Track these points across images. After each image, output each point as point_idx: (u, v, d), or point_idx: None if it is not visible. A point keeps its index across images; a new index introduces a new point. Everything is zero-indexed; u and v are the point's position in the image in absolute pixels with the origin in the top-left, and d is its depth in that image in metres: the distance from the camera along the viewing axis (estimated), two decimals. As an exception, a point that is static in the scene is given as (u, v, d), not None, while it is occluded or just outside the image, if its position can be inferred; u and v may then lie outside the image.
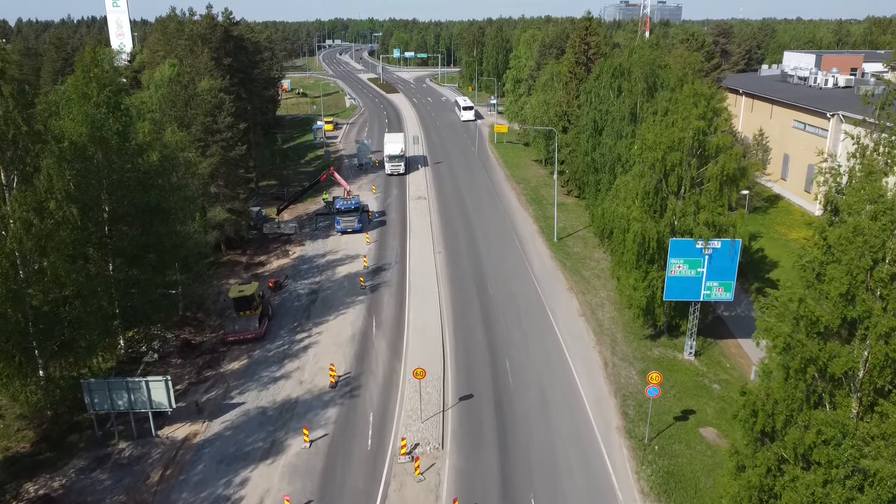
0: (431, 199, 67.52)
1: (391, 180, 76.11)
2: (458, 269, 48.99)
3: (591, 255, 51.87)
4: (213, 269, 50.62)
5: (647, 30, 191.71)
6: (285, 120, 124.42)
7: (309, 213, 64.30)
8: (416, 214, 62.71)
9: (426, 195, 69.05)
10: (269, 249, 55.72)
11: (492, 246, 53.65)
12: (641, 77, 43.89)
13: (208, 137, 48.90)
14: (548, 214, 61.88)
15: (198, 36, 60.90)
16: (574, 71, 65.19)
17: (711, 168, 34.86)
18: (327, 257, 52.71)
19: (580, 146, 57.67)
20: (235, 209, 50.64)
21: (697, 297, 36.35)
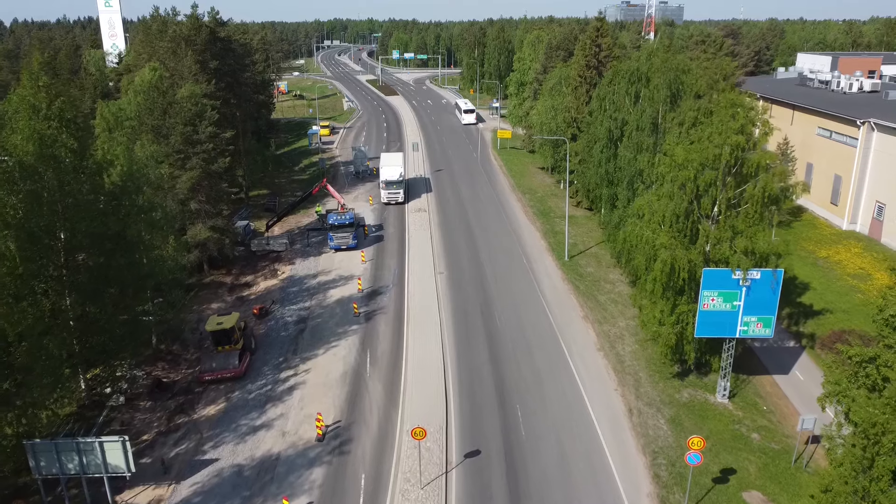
0: (432, 211, 63.34)
1: (389, 190, 71.82)
2: (462, 292, 44.80)
3: (606, 275, 47.68)
4: (194, 291, 46.57)
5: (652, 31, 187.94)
6: (280, 124, 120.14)
7: (301, 228, 60.09)
8: (415, 228, 58.53)
9: (426, 207, 64.86)
10: (256, 268, 51.50)
11: (497, 266, 49.45)
12: (664, 84, 39.74)
13: (188, 149, 44.69)
14: (556, 229, 57.74)
15: (181, 38, 56.65)
16: (584, 75, 61.02)
17: (751, 189, 30.68)
18: (319, 278, 48.49)
19: (593, 156, 53.49)
20: (218, 227, 46.43)
21: (733, 334, 32.24)
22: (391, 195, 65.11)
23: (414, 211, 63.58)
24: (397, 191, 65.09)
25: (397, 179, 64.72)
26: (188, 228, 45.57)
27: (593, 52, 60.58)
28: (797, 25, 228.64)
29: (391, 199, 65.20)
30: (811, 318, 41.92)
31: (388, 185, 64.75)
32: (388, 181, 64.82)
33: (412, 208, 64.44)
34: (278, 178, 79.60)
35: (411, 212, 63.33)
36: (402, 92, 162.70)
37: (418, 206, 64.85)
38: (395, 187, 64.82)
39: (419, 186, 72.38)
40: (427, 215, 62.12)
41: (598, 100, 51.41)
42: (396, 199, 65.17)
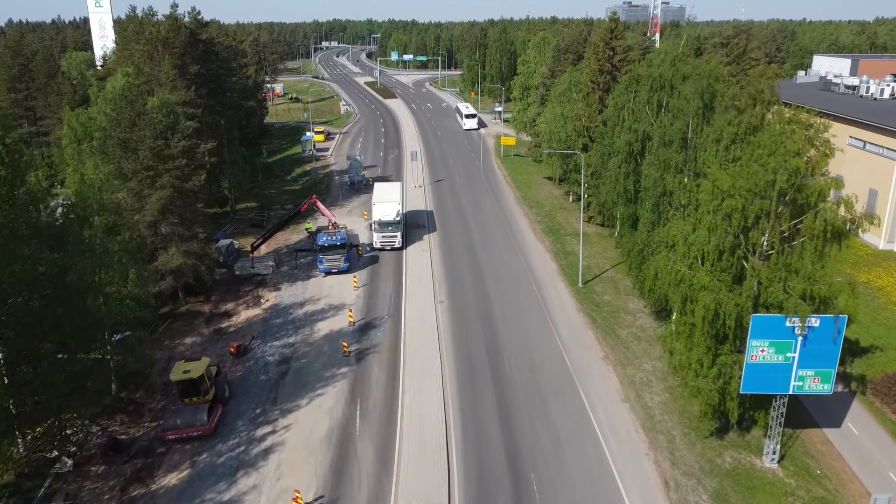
0: (432, 228, 58.51)
1: (386, 203, 66.96)
2: (465, 327, 39.97)
3: (625, 305, 42.87)
4: (167, 323, 41.79)
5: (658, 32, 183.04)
6: (274, 128, 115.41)
7: (289, 246, 55.29)
8: (414, 248, 53.72)
9: (425, 222, 60.04)
10: (238, 294, 46.67)
11: (504, 294, 44.63)
12: (695, 93, 34.95)
13: (158, 165, 39.88)
14: (567, 248, 52.92)
15: (158, 40, 51.90)
16: (597, 80, 56.24)
17: (810, 221, 25.89)
18: (306, 307, 43.67)
19: (608, 170, 48.66)
20: (194, 251, 41.61)
21: (785, 390, 27.52)
22: (386, 239, 53.13)
23: (412, 227, 58.74)
24: (393, 234, 53.04)
25: (393, 220, 52.71)
26: (159, 254, 40.77)
27: (607, 55, 55.79)
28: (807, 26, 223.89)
29: (385, 245, 53.32)
30: (859, 356, 37.18)
31: (381, 226, 52.93)
32: (382, 222, 52.76)
33: (410, 224, 59.56)
34: (268, 189, 74.79)
35: (409, 228, 58.48)
36: (401, 95, 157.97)
37: (417, 222, 60.00)
38: (390, 230, 52.84)
39: (418, 199, 67.53)
40: (427, 232, 57.30)
41: (614, 108, 46.58)
42: (392, 244, 53.22)
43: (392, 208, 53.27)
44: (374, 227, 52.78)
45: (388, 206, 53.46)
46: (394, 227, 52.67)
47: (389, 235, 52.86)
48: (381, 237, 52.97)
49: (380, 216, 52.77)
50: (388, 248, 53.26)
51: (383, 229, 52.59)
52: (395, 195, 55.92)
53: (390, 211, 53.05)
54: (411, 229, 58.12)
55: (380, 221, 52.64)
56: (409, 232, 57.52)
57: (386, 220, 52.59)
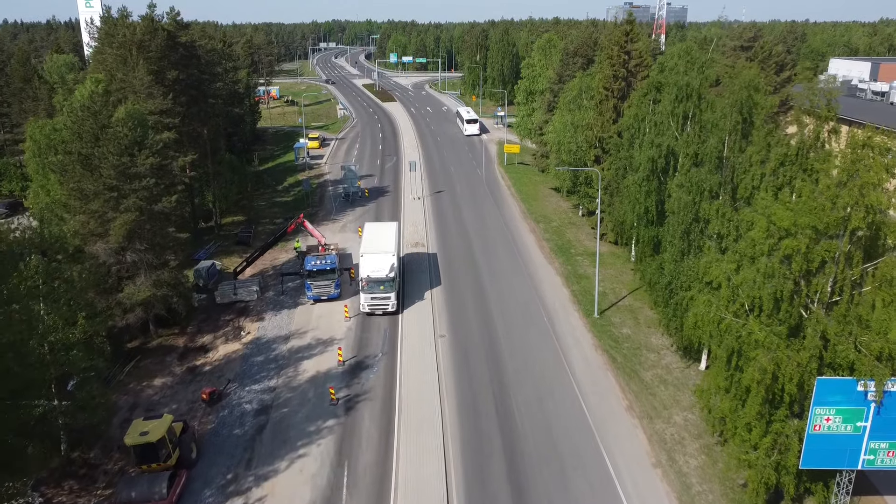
0: (431, 246, 54.03)
1: (382, 217, 62.56)
2: (469, 369, 35.47)
3: (647, 339, 38.39)
4: (134, 361, 37.36)
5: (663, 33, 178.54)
6: (267, 134, 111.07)
7: (276, 267, 50.78)
8: (411, 270, 49.20)
9: (425, 240, 55.56)
10: (217, 324, 42.19)
11: (512, 326, 40.14)
12: (733, 106, 30.45)
13: (123, 185, 35.38)
14: (579, 271, 48.44)
15: (132, 43, 47.40)
16: (611, 87, 51.77)
17: (888, 266, 21.43)
18: (291, 342, 39.17)
19: (627, 188, 44.24)
20: (164, 281, 37.11)
21: (854, 465, 23.16)
22: (376, 303, 41.09)
23: (410, 245, 54.26)
24: (385, 296, 40.87)
25: (385, 277, 40.62)
26: (124, 285, 36.27)
27: (621, 60, 51.31)
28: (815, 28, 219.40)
29: (376, 309, 41.25)
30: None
31: (370, 284, 40.61)
32: (371, 279, 40.65)
33: (408, 242, 55.13)
34: (258, 201, 70.34)
35: (407, 247, 54.01)
36: (400, 98, 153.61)
37: (415, 240, 55.49)
38: (381, 290, 40.73)
39: (417, 214, 63.05)
40: (426, 251, 52.81)
41: (634, 119, 42.13)
42: (384, 309, 41.22)
43: (384, 262, 41.25)
44: (362, 286, 41.02)
45: (379, 259, 41.53)
46: (387, 287, 41.00)
47: (380, 297, 41.07)
48: (371, 299, 41.09)
49: (368, 272, 40.91)
50: (378, 313, 41.68)
51: (372, 289, 40.92)
52: (388, 242, 44.12)
53: (382, 265, 41.04)
54: (407, 249, 53.63)
55: (368, 279, 40.82)
56: (404, 256, 52.99)
57: (376, 278, 40.70)
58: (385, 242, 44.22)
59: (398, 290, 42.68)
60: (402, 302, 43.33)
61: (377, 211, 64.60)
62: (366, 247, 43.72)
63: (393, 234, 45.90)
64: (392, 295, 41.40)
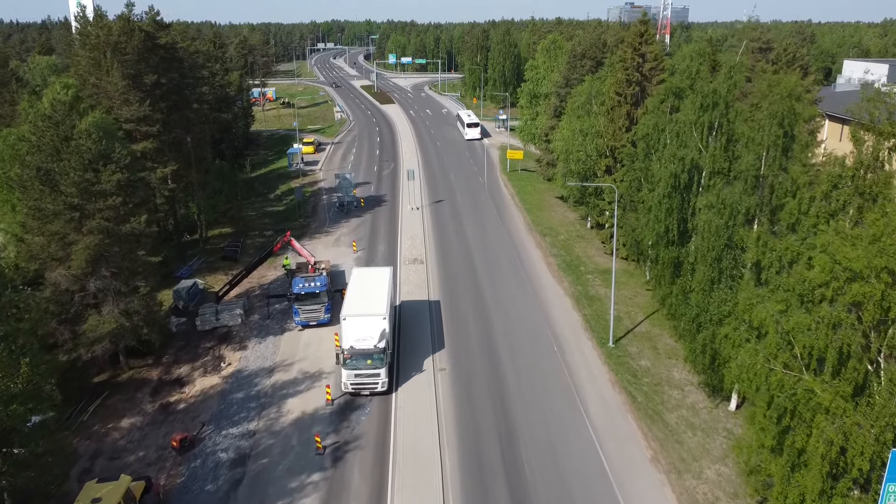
0: (431, 263, 50.35)
1: (378, 229, 58.93)
2: (473, 411, 31.77)
3: (668, 373, 34.73)
4: (101, 398, 33.72)
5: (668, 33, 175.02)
6: (262, 137, 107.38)
7: (263, 287, 47.11)
8: (409, 290, 45.53)
9: (423, 255, 51.87)
10: (196, 353, 38.54)
11: (519, 357, 36.46)
12: (773, 118, 26.80)
13: (86, 204, 31.71)
14: (591, 292, 44.79)
15: (106, 45, 43.73)
16: (623, 92, 48.11)
17: (979, 317, 17.79)
18: (275, 375, 35.50)
19: (646, 204, 40.62)
20: (134, 310, 33.42)
21: (932, 551, 19.37)
22: (361, 382, 31.95)
23: (408, 262, 50.60)
24: (374, 372, 31.73)
25: (373, 349, 31.63)
26: (88, 315, 32.59)
27: (635, 63, 47.64)
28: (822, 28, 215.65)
29: (361, 388, 32.14)
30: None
31: (355, 357, 31.57)
32: (356, 351, 31.61)
33: (406, 258, 51.49)
34: (248, 210, 66.67)
35: (405, 263, 50.37)
36: (399, 99, 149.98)
37: (414, 256, 51.82)
38: (369, 365, 31.59)
39: (415, 226, 59.39)
40: (425, 269, 49.14)
41: (653, 129, 38.47)
42: (372, 388, 32.10)
43: (373, 328, 31.96)
44: (344, 358, 31.59)
45: (366, 324, 32.10)
46: (376, 361, 31.45)
47: (368, 374, 31.43)
48: (354, 377, 31.60)
49: (352, 341, 31.62)
50: (365, 392, 32.29)
51: (358, 363, 31.36)
52: (378, 300, 34.33)
53: (370, 331, 31.77)
54: (405, 265, 49.96)
55: (352, 350, 31.43)
56: (402, 277, 49.31)
57: (362, 349, 31.41)
58: (375, 300, 34.52)
59: (389, 364, 32.78)
60: (394, 382, 33.39)
61: (373, 222, 60.95)
62: (350, 305, 33.91)
63: (385, 286, 36.18)
64: (382, 371, 31.78)
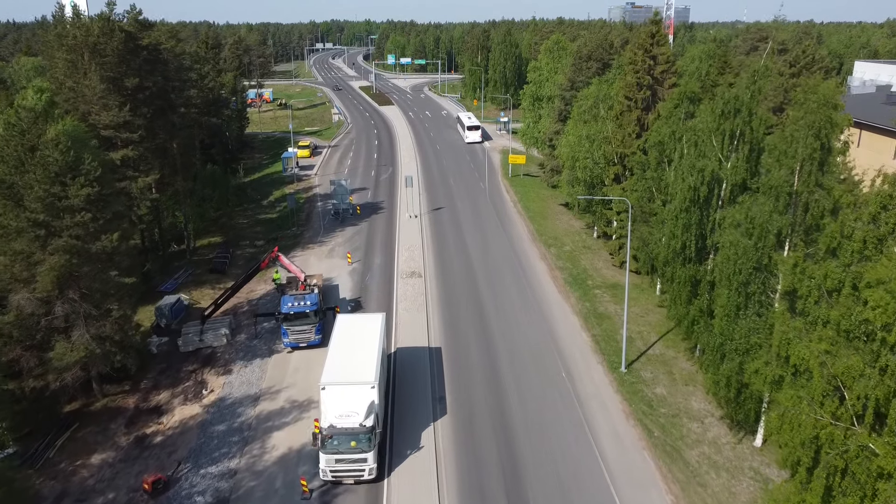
0: (430, 277, 47.63)
1: (374, 239, 56.25)
2: (474, 442, 29.13)
3: (686, 402, 32.04)
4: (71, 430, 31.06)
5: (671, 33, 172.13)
6: (257, 140, 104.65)
7: (252, 302, 44.44)
8: (406, 308, 42.83)
9: (422, 269, 49.15)
10: (177, 378, 35.85)
11: (526, 386, 33.76)
12: (810, 129, 24.12)
13: (53, 220, 29.03)
14: (600, 309, 42.12)
15: (84, 47, 41.05)
16: (634, 96, 45.45)
17: None
18: (260, 405, 32.80)
19: (654, 214, 38.01)
20: (105, 336, 30.72)
21: None
22: (343, 469, 26.03)
23: (406, 275, 47.90)
24: (359, 457, 25.84)
25: (359, 427, 25.85)
26: (55, 342, 29.89)
27: (646, 66, 44.96)
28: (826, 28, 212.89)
29: (343, 478, 26.29)
30: None
31: (338, 438, 25.76)
32: (337, 429, 25.90)
33: (403, 271, 48.78)
34: (239, 218, 63.98)
35: (402, 277, 47.67)
36: (398, 101, 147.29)
37: (411, 269, 49.09)
38: (352, 449, 25.76)
39: (413, 234, 56.70)
40: (423, 283, 46.43)
41: (669, 138, 35.83)
42: (358, 477, 26.20)
43: (358, 400, 26.25)
44: (321, 438, 25.84)
45: (350, 394, 26.34)
46: (362, 442, 25.59)
47: (351, 459, 25.65)
48: (336, 462, 25.75)
49: (333, 417, 26.07)
50: (349, 482, 26.39)
51: (340, 444, 25.57)
52: (366, 363, 27.94)
53: (355, 404, 26.11)
54: (402, 280, 47.27)
55: (333, 430, 25.74)
56: (398, 294, 46.62)
57: (345, 428, 25.65)
58: (362, 362, 27.97)
59: (377, 448, 26.23)
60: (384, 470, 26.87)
61: (369, 231, 58.25)
62: (331, 370, 27.59)
63: (375, 342, 29.55)
64: (370, 455, 25.59)
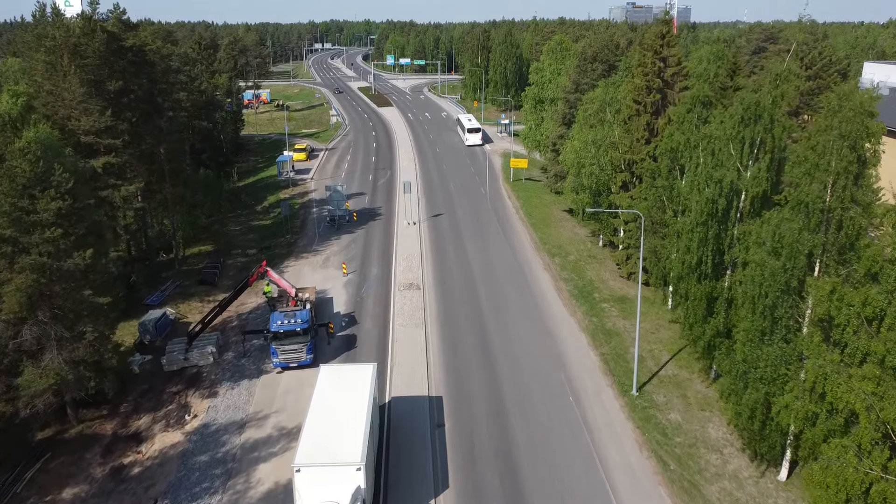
0: (428, 289, 45.44)
1: (371, 248, 54.07)
2: (475, 474, 26.94)
3: (703, 430, 29.85)
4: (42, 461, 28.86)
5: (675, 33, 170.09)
6: (253, 142, 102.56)
7: (241, 317, 42.25)
8: (403, 323, 40.67)
9: (420, 280, 46.98)
10: (160, 401, 33.66)
11: (531, 413, 31.57)
12: (843, 140, 21.96)
13: (20, 237, 26.85)
14: (608, 325, 39.95)
15: (64, 48, 38.88)
16: (643, 100, 43.28)
17: None
18: (247, 432, 30.61)
19: (666, 226, 35.86)
20: (79, 358, 28.54)
21: None
22: None
23: (403, 288, 45.73)
24: None
25: None
26: (24, 367, 27.71)
27: (656, 68, 42.80)
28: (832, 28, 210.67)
29: None
30: None
31: None
32: None
33: (401, 283, 46.60)
34: (233, 224, 61.81)
35: (400, 289, 45.51)
36: (397, 102, 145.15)
37: (409, 281, 46.91)
38: None
39: (412, 244, 54.55)
40: (422, 297, 44.24)
41: (685, 146, 33.65)
42: None
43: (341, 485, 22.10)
44: None
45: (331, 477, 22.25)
46: None
47: None
48: None
49: None
50: None
51: None
52: (352, 435, 23.59)
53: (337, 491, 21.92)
54: (399, 293, 45.07)
55: None
56: (395, 307, 44.45)
57: None
58: (347, 434, 23.56)
59: None
60: None
61: (366, 239, 56.08)
62: (308, 446, 23.21)
63: (364, 405, 25.07)
64: None
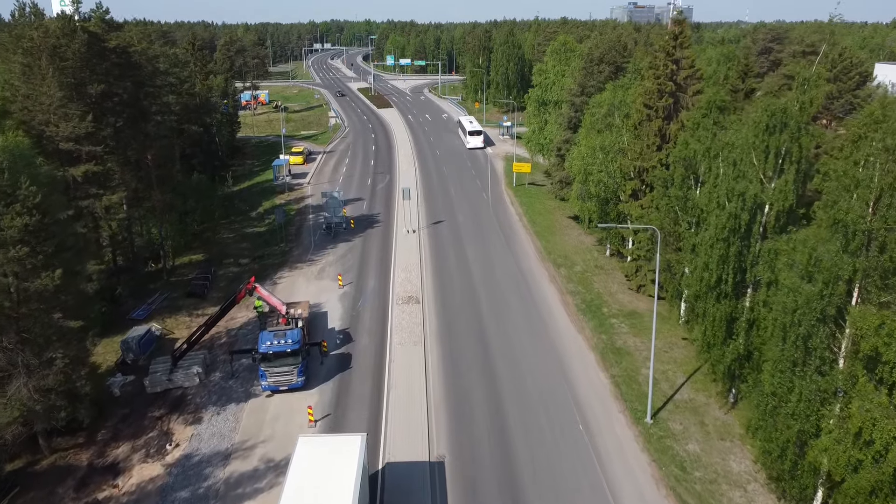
0: (428, 303, 43.22)
1: (369, 258, 51.85)
2: None
3: (725, 463, 27.63)
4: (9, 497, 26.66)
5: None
6: (249, 145, 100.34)
7: (231, 333, 40.06)
8: (401, 341, 38.44)
9: (420, 293, 44.75)
10: (140, 427, 31.45)
11: (537, 441, 29.34)
12: (890, 156, 19.79)
13: (-17, 256, 24.73)
14: (618, 343, 37.73)
15: (42, 49, 36.68)
16: (654, 104, 41.08)
17: None
18: (231, 464, 28.40)
19: (682, 240, 33.66)
20: (48, 387, 26.34)
21: None
22: None
23: (402, 301, 43.52)
24: None
25: None
26: (-14, 397, 25.54)
27: (668, 71, 40.58)
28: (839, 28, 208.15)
29: None
30: None
31: None
32: None
33: (399, 296, 44.39)
34: (226, 232, 59.60)
35: (398, 303, 43.29)
36: (397, 103, 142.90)
37: (408, 293, 44.69)
38: None
39: (412, 253, 52.32)
40: (420, 311, 42.03)
41: (703, 155, 31.42)
42: None
43: None
44: None
45: None
46: None
47: None
48: None
49: None
50: None
51: None
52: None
53: None
54: (398, 306, 42.86)
55: None
56: (393, 323, 42.32)
57: None
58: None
59: None
60: None
61: (363, 248, 53.86)
62: None
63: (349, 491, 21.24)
64: None
